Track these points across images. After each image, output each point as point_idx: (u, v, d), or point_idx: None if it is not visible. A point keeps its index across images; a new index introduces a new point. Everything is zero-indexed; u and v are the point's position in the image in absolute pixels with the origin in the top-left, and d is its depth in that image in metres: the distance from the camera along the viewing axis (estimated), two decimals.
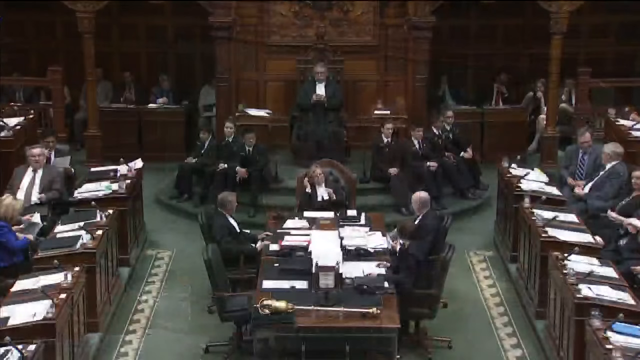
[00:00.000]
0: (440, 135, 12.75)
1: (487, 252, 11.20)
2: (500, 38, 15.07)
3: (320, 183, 10.62)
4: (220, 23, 13.06)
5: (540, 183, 10.81)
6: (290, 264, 8.75)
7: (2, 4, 14.31)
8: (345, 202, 10.60)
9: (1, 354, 6.69)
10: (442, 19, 13.21)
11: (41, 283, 7.95)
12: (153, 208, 12.30)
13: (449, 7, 13.28)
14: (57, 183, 10.66)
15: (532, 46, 14.59)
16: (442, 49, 14.18)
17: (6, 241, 8.92)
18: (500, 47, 15.06)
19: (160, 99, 14.28)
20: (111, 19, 14.36)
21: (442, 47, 14.15)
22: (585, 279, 7.98)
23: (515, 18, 14.60)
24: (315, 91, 12.61)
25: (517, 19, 14.63)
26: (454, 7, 13.47)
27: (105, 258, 9.35)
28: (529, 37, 14.65)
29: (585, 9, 13.32)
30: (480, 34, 15.09)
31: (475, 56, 15.18)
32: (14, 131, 12.07)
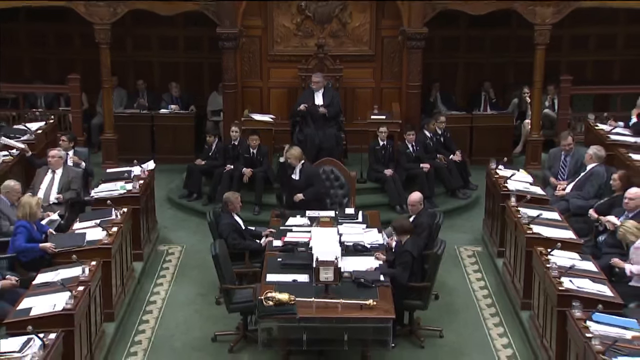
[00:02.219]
0: (432, 138, 12.76)
1: (476, 248, 11.20)
2: (488, 48, 15.05)
3: (296, 163, 10.68)
4: (227, 34, 13.02)
5: (525, 183, 10.79)
6: (293, 259, 8.78)
7: (25, 16, 14.31)
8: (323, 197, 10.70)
9: (24, 342, 6.73)
10: (433, 30, 13.17)
11: (61, 276, 7.99)
12: (164, 207, 12.30)
13: (441, 19, 13.25)
14: (74, 183, 10.67)
15: (517, 56, 14.60)
16: (434, 58, 14.23)
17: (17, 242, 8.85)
18: (488, 56, 15.06)
19: (171, 105, 14.27)
20: (125, 31, 14.37)
21: (434, 57, 14.20)
22: (567, 273, 8.00)
23: (501, 30, 14.59)
24: (314, 99, 12.56)
25: (504, 31, 14.62)
26: (445, 19, 13.45)
27: (120, 253, 9.36)
28: (515, 47, 14.66)
29: (566, 21, 13.31)
30: (470, 45, 15.09)
31: (465, 65, 15.20)
32: (35, 135, 12.14)
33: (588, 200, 10.32)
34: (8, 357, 6.59)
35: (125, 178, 10.87)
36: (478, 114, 14.17)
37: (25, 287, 8.06)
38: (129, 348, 8.63)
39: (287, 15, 13.38)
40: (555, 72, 13.91)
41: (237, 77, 13.30)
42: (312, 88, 12.66)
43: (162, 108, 14.26)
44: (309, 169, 10.93)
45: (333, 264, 8.05)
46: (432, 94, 14.62)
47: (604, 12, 13.93)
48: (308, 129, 12.47)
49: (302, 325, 7.67)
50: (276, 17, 13.38)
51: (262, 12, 13.35)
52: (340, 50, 13.36)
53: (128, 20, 13.82)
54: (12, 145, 11.42)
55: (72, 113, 13.87)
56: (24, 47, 15.12)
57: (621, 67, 15.14)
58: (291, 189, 10.90)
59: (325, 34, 13.35)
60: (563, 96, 13.77)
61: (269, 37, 13.44)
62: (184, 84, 14.71)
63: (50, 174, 10.61)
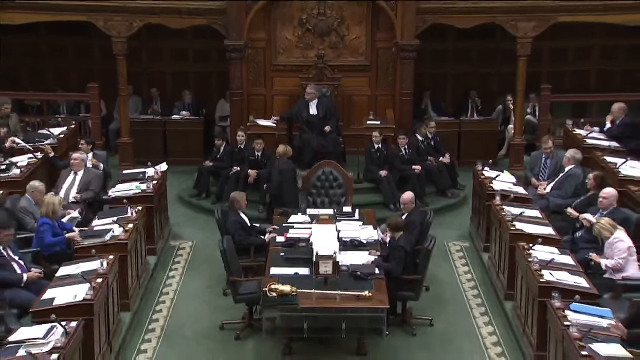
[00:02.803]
0: (424, 142, 12.75)
1: (463, 243, 11.18)
2: (475, 59, 15.03)
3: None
4: (234, 46, 13.02)
5: (509, 184, 10.78)
6: (294, 254, 8.78)
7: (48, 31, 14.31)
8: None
9: (48, 330, 6.76)
10: (425, 42, 13.16)
11: (81, 269, 8.01)
12: (176, 205, 12.27)
13: (431, 33, 13.26)
14: (93, 184, 10.68)
15: (501, 67, 14.58)
16: (425, 69, 14.20)
17: (44, 238, 8.92)
18: (474, 67, 15.03)
19: (183, 112, 14.27)
20: (141, 43, 14.37)
21: (425, 67, 14.17)
22: (547, 266, 8.02)
23: (487, 42, 14.57)
24: (309, 109, 12.56)
25: (489, 43, 14.60)
26: (435, 32, 13.46)
27: (136, 248, 9.36)
28: (499, 58, 14.64)
29: (546, 35, 13.28)
30: (458, 56, 15.07)
31: (454, 75, 15.17)
32: (58, 139, 12.11)
33: (566, 199, 10.32)
34: (33, 343, 6.62)
35: (140, 179, 10.87)
36: (465, 120, 14.14)
37: (49, 279, 8.08)
38: (144, 336, 8.65)
39: (290, 28, 13.37)
40: (536, 81, 13.87)
41: (243, 86, 13.31)
42: (306, 99, 12.65)
43: (174, 114, 14.26)
44: (285, 165, 10.98)
45: (332, 258, 8.07)
46: (424, 101, 14.62)
47: (581, 26, 13.94)
48: (306, 135, 12.49)
49: (303, 314, 7.68)
50: (279, 30, 13.38)
51: (266, 25, 13.34)
52: (338, 60, 13.36)
53: (143, 34, 13.83)
54: (27, 149, 11.39)
55: (91, 119, 13.86)
56: (46, 59, 15.11)
57: (597, 77, 15.12)
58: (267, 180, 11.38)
59: (325, 46, 13.34)
60: (543, 104, 13.74)
61: (272, 49, 13.43)
62: (194, 92, 14.69)
63: (72, 175, 10.64)
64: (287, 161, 11.14)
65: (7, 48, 14.39)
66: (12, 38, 14.19)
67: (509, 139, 14.00)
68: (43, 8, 12.98)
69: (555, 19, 13.01)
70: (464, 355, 8.34)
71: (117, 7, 12.94)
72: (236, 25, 12.94)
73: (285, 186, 10.89)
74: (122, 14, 12.96)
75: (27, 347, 6.55)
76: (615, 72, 14.93)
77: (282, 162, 11.07)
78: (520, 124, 13.61)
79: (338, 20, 13.30)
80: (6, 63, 14.23)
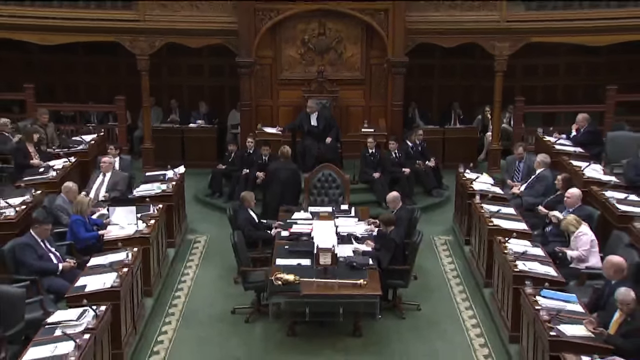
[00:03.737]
0: (412, 147, 12.73)
1: (447, 237, 11.17)
2: (457, 74, 15.03)
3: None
4: (244, 62, 13.03)
5: (487, 184, 10.79)
6: (297, 247, 8.79)
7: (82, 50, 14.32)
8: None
9: (80, 313, 6.79)
10: (413, 59, 13.17)
11: (109, 260, 8.03)
12: (192, 203, 12.24)
13: (419, 51, 13.27)
14: (120, 185, 10.69)
15: (481, 81, 14.59)
16: (413, 82, 14.19)
17: (78, 232, 8.95)
18: (457, 81, 15.03)
19: (199, 120, 14.27)
20: (161, 60, 14.37)
21: (413, 81, 14.16)
22: (520, 257, 8.04)
23: (468, 59, 14.57)
24: (309, 120, 12.55)
25: (470, 60, 14.59)
26: (423, 50, 13.47)
27: (157, 241, 9.37)
28: (479, 74, 14.63)
29: (519, 53, 13.28)
30: (442, 71, 15.08)
31: (438, 88, 15.17)
32: (89, 145, 12.14)
33: (537, 198, 10.31)
34: (68, 324, 6.65)
35: (160, 180, 10.88)
36: (449, 128, 14.13)
37: (81, 269, 8.10)
38: (164, 319, 8.66)
39: (293, 47, 13.36)
40: (511, 94, 13.87)
41: (252, 98, 13.30)
42: (307, 111, 12.64)
43: (190, 123, 14.25)
44: (281, 165, 11.06)
45: (331, 250, 8.10)
46: (411, 111, 14.61)
47: (549, 46, 13.94)
48: (308, 142, 12.50)
49: (305, 300, 7.71)
50: (284, 48, 13.37)
51: (272, 44, 13.32)
52: (336, 75, 13.33)
53: (163, 52, 13.83)
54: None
55: (118, 127, 13.90)
56: (79, 74, 15.13)
57: (563, 91, 15.11)
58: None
59: (324, 62, 13.32)
60: (517, 114, 13.77)
61: (278, 65, 13.42)
62: (208, 103, 14.68)
63: (101, 176, 10.65)
64: (286, 161, 11.12)
65: (45, 65, 14.45)
66: (50, 56, 14.25)
67: (487, 145, 14.01)
68: (77, 30, 13.01)
69: (527, 39, 13.05)
70: (447, 335, 8.35)
71: (141, 29, 12.98)
72: (246, 45, 12.95)
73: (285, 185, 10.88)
74: (145, 35, 13.00)
75: (62, 328, 6.58)
76: (579, 86, 14.92)
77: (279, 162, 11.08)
78: (497, 132, 13.62)
79: (336, 39, 13.29)
80: (44, 78, 14.29)
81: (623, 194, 9.83)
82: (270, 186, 11.01)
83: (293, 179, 11.00)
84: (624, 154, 11.47)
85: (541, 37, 13.18)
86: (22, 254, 8.13)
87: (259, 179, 11.82)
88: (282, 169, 11.00)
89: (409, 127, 13.63)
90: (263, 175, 11.76)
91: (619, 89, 13.50)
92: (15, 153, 11.44)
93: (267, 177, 11.31)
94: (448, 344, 8.17)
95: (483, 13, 12.97)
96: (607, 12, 12.91)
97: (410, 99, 14.30)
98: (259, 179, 11.82)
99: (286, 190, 10.85)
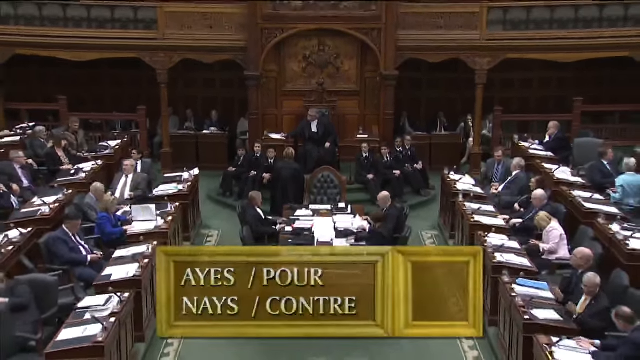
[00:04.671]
0: (402, 152, 12.74)
1: (433, 232, 11.17)
2: (443, 86, 15.02)
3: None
4: (251, 76, 13.09)
5: (469, 185, 10.80)
6: (299, 240, 8.77)
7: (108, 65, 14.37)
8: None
9: (107, 299, 6.86)
10: (403, 73, 13.23)
11: (132, 252, 8.08)
12: (205, 202, 12.22)
13: (408, 65, 13.31)
14: (141, 185, 10.69)
15: (463, 92, 14.57)
16: (403, 94, 14.21)
17: (104, 228, 8.99)
18: (442, 93, 15.00)
19: (211, 127, 14.28)
20: (178, 74, 14.33)
21: (403, 92, 14.17)
22: (498, 250, 8.07)
23: (452, 73, 14.54)
24: (310, 128, 12.57)
25: (453, 74, 14.57)
26: (411, 65, 13.53)
27: (174, 235, 9.38)
28: (462, 86, 14.58)
29: (497, 68, 13.32)
30: (429, 84, 15.04)
31: (426, 99, 15.13)
32: (114, 150, 12.17)
33: (514, 197, 10.34)
34: (96, 309, 6.70)
35: (177, 181, 10.89)
36: (435, 135, 14.13)
37: (107, 260, 8.14)
38: None
39: (295, 61, 13.40)
40: (490, 104, 13.89)
41: (258, 107, 13.33)
42: (308, 119, 12.68)
43: (204, 130, 14.24)
44: (284, 164, 11.21)
45: (329, 244, 8.14)
46: (403, 120, 14.63)
47: (524, 62, 13.94)
48: (308, 146, 12.55)
49: None
50: (287, 63, 13.40)
51: (277, 59, 13.37)
52: (334, 87, 13.36)
53: (180, 67, 13.86)
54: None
55: (140, 134, 13.91)
56: (106, 87, 15.15)
57: (536, 102, 15.07)
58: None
59: (324, 75, 13.35)
60: (495, 122, 13.80)
61: (282, 78, 13.45)
62: (220, 112, 14.68)
63: (124, 177, 10.66)
64: (289, 162, 11.16)
65: (76, 79, 14.50)
66: (80, 71, 14.26)
67: (469, 149, 14.00)
68: (104, 48, 13.07)
69: (504, 56, 13.10)
70: None
71: (160, 46, 13.04)
72: (253, 60, 13.00)
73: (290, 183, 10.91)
74: (164, 51, 13.06)
75: (91, 312, 6.64)
76: (550, 98, 14.92)
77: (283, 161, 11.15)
78: (477, 138, 13.64)
79: (334, 55, 13.34)
80: (75, 91, 14.31)
81: (588, 193, 9.87)
82: (276, 184, 11.10)
83: (296, 176, 11.08)
84: (589, 158, 11.50)
85: (517, 54, 13.24)
86: (56, 247, 8.18)
87: (265, 179, 11.83)
88: (286, 167, 11.10)
89: (400, 133, 13.62)
90: (269, 176, 11.80)
91: (584, 100, 13.57)
92: (47, 158, 11.51)
93: (273, 176, 11.38)
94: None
95: (465, 32, 13.03)
96: (575, 33, 12.97)
97: (402, 109, 14.30)
98: (265, 179, 11.83)
99: (290, 186, 10.93)
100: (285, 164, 11.23)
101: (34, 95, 14.43)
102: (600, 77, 14.48)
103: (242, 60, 13.13)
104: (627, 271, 7.49)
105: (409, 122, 14.67)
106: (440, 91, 15.00)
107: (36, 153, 11.79)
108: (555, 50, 13.05)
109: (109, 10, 13.12)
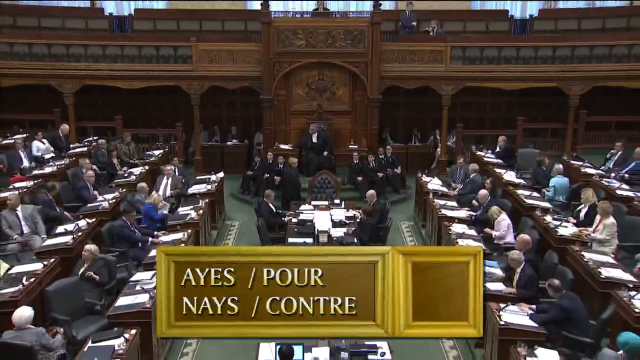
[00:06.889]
0: (384, 159, 12.76)
1: (409, 223, 11.19)
2: (416, 108, 15.01)
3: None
4: (265, 99, 13.13)
5: (438, 185, 10.83)
6: (303, 229, 8.82)
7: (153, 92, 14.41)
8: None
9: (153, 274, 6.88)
10: (385, 97, 13.26)
11: (172, 238, 8.21)
12: (229, 198, 12.18)
13: (389, 91, 13.35)
14: (178, 185, 10.74)
15: (432, 113, 14.58)
16: (385, 113, 14.21)
17: (152, 215, 9.08)
18: (415, 112, 14.99)
19: (233, 140, 14.28)
20: (207, 98, 14.37)
21: (385, 112, 14.18)
22: (460, 237, 8.15)
23: (423, 97, 14.57)
24: (312, 139, 12.60)
25: (425, 98, 14.60)
26: (391, 90, 13.57)
27: (204, 225, 9.42)
28: (431, 107, 14.60)
29: (459, 94, 13.39)
30: (406, 105, 15.02)
31: (403, 117, 15.09)
32: (157, 158, 12.22)
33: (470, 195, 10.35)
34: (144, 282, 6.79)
35: (207, 182, 10.92)
36: (411, 146, 14.11)
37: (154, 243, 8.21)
38: None
39: (300, 87, 13.41)
40: (453, 122, 13.97)
41: (271, 124, 13.35)
42: (310, 133, 12.76)
43: (227, 142, 14.24)
44: (288, 169, 11.33)
45: (327, 232, 8.20)
46: (384, 133, 14.60)
47: (479, 89, 13.94)
48: (310, 155, 12.60)
49: None
50: (294, 88, 13.41)
51: (286, 86, 13.38)
52: (331, 107, 13.36)
53: (209, 92, 13.91)
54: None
55: (177, 145, 13.90)
56: (151, 109, 15.14)
57: (489, 121, 15.05)
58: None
59: (323, 98, 13.36)
60: (458, 136, 13.82)
61: (290, 100, 13.46)
62: (240, 128, 14.69)
63: (165, 179, 10.71)
64: (289, 168, 11.35)
65: (129, 102, 14.59)
66: (132, 96, 14.33)
67: (437, 157, 14.01)
68: (151, 78, 13.20)
69: (464, 84, 13.20)
70: None
71: (194, 76, 13.10)
72: (267, 86, 13.05)
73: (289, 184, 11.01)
74: (197, 80, 13.12)
75: (140, 284, 6.74)
76: (499, 117, 14.92)
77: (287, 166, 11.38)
78: (444, 148, 13.70)
79: (331, 83, 13.36)
80: (128, 112, 14.41)
81: (529, 191, 9.94)
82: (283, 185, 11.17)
83: (292, 179, 11.19)
84: (529, 164, 11.62)
85: (474, 83, 13.33)
86: (124, 232, 8.31)
87: (276, 181, 11.86)
88: (287, 173, 11.16)
89: (383, 144, 13.67)
90: (279, 178, 11.84)
91: (525, 119, 13.74)
92: (106, 166, 11.60)
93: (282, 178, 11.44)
94: None
95: (433, 65, 13.13)
96: (517, 68, 13.17)
97: (384, 125, 14.32)
98: (276, 181, 11.86)
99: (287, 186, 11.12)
100: (288, 169, 11.40)
101: (97, 115, 14.56)
102: (536, 102, 14.64)
103: (258, 86, 13.20)
104: (557, 252, 7.62)
105: (390, 135, 14.68)
106: (414, 111, 15.03)
107: (98, 160, 11.88)
108: (503, 80, 13.25)
109: (154, 49, 13.27)
